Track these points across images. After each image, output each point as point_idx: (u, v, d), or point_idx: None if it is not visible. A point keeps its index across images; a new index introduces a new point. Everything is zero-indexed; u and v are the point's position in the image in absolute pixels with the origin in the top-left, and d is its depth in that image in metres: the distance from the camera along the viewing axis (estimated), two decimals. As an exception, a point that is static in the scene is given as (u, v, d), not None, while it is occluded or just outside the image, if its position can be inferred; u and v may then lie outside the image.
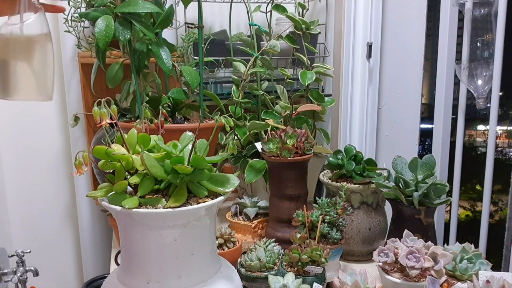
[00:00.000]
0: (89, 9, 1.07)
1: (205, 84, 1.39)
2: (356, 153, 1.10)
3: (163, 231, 0.64)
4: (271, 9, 1.28)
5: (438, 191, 0.96)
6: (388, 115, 1.42)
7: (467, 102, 1.17)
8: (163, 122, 0.84)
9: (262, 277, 0.86)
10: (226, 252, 0.96)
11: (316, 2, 1.49)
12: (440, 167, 1.22)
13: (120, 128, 0.67)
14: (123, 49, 1.12)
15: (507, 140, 1.55)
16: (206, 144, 0.72)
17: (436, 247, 0.84)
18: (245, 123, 1.23)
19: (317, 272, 0.82)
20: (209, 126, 1.08)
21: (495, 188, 1.19)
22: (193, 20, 1.17)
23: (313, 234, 0.90)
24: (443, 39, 1.17)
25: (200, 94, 1.14)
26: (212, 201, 0.66)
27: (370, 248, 1.04)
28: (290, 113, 1.20)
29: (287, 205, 1.00)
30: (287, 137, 0.99)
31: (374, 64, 1.40)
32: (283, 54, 1.32)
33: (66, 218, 1.61)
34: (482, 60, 1.09)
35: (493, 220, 1.32)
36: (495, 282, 0.72)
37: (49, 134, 1.53)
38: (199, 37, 1.10)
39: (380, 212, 1.07)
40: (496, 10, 1.04)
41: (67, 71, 1.40)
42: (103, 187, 0.68)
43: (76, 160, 0.67)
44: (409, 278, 0.82)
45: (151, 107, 1.03)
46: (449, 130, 1.23)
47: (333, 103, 1.33)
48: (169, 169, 0.65)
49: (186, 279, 0.66)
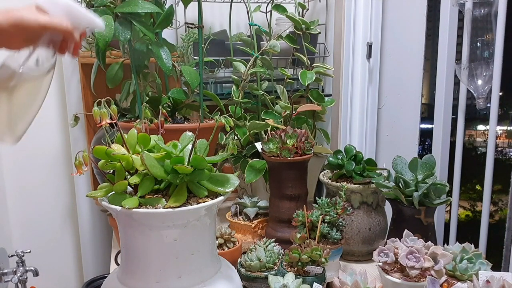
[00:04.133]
0: (89, 9, 1.07)
1: (205, 84, 1.39)
2: (356, 153, 1.10)
3: (163, 231, 0.64)
4: (271, 9, 1.28)
5: (438, 191, 0.96)
6: (388, 115, 1.42)
7: (467, 102, 1.17)
8: (163, 122, 0.84)
9: (262, 277, 0.86)
10: (226, 252, 0.96)
11: (316, 2, 1.49)
12: (440, 167, 1.22)
13: (120, 128, 0.67)
14: (123, 49, 1.12)
15: (507, 140, 1.55)
16: (206, 144, 0.72)
17: (436, 247, 0.84)
18: (245, 123, 1.23)
19: (317, 272, 0.82)
20: (209, 126, 1.08)
21: (495, 188, 1.19)
22: (193, 20, 1.17)
23: (313, 234, 0.90)
24: (443, 39, 1.17)
25: (200, 94, 1.14)
26: (212, 201, 0.66)
27: (370, 248, 1.04)
28: (290, 113, 1.20)
29: (287, 205, 1.00)
30: (287, 137, 0.99)
31: (374, 64, 1.40)
32: (283, 54, 1.32)
33: (66, 218, 1.61)
34: (482, 60, 1.09)
35: (493, 220, 1.32)
36: (495, 282, 0.72)
37: (49, 134, 1.53)
38: (199, 37, 1.10)
39: (380, 212, 1.07)
40: (496, 10, 1.04)
41: (67, 71, 1.40)
42: (103, 187, 0.68)
43: (76, 160, 0.68)
44: (409, 278, 0.82)
45: (151, 107, 1.03)
46: (449, 130, 1.23)
47: (333, 103, 1.33)
48: (169, 169, 0.65)
49: (186, 279, 0.66)
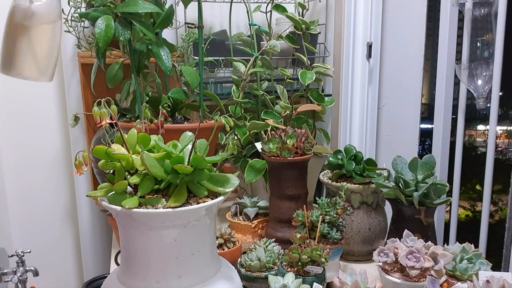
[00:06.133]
0: (89, 9, 1.07)
1: (205, 84, 1.39)
2: (356, 153, 1.10)
3: (163, 231, 0.64)
4: (271, 9, 1.28)
5: (438, 191, 0.96)
6: (388, 115, 1.42)
7: (467, 102, 1.17)
8: (163, 122, 0.84)
9: (262, 277, 0.86)
10: (226, 252, 0.96)
11: (316, 2, 1.49)
12: (440, 167, 1.22)
13: (120, 128, 0.67)
14: (123, 49, 1.12)
15: (507, 140, 1.55)
16: (206, 144, 0.72)
17: (436, 247, 0.84)
18: (245, 123, 1.23)
19: (317, 272, 0.82)
20: (209, 126, 1.08)
21: (495, 188, 1.19)
22: (193, 20, 1.17)
23: (313, 234, 0.90)
24: (443, 39, 1.17)
25: (200, 94, 1.14)
26: (212, 201, 0.66)
27: (370, 248, 1.04)
28: (290, 113, 1.20)
29: (287, 205, 1.00)
30: (287, 137, 0.99)
31: (374, 64, 1.40)
32: (283, 54, 1.32)
33: (66, 218, 1.61)
34: (482, 60, 1.09)
35: (493, 220, 1.32)
36: (495, 282, 0.72)
37: (49, 134, 1.53)
38: (199, 37, 1.10)
39: (380, 212, 1.07)
40: (496, 10, 1.04)
41: (67, 71, 1.40)
42: (103, 187, 0.68)
43: (76, 160, 0.67)
44: (409, 278, 0.82)
45: (151, 107, 1.03)
46: (449, 130, 1.23)
47: (333, 103, 1.33)
48: (169, 169, 0.65)
49: (186, 279, 0.66)
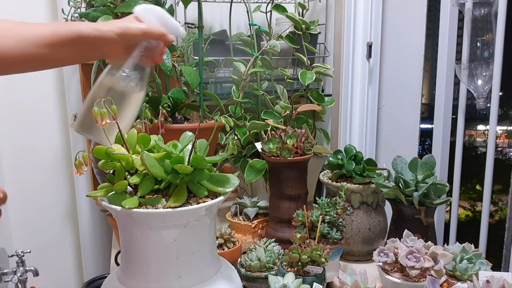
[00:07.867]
0: (89, 9, 1.07)
1: (205, 84, 1.39)
2: (356, 153, 1.10)
3: (163, 231, 0.64)
4: (271, 9, 1.28)
5: (438, 191, 0.96)
6: (388, 115, 1.42)
7: (467, 102, 1.17)
8: (163, 122, 0.84)
9: (262, 277, 0.86)
10: (226, 252, 0.96)
11: (316, 2, 1.49)
12: (440, 167, 1.22)
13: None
14: (123, 49, 1.12)
15: (507, 140, 1.55)
16: (206, 144, 0.72)
17: (436, 247, 0.84)
18: (245, 123, 1.23)
19: (317, 272, 0.82)
20: (209, 126, 1.09)
21: (495, 188, 1.19)
22: (193, 20, 1.17)
23: (313, 234, 0.90)
24: (443, 39, 1.17)
25: (200, 94, 1.14)
26: (212, 201, 0.66)
27: (370, 248, 1.04)
28: (290, 113, 1.20)
29: (287, 205, 1.00)
30: (287, 137, 0.99)
31: (374, 64, 1.40)
32: (283, 54, 1.32)
33: (66, 218, 1.61)
34: (482, 60, 1.09)
35: (493, 220, 1.32)
36: (495, 282, 0.72)
37: (49, 134, 1.53)
38: (199, 37, 1.10)
39: (380, 212, 1.07)
40: (496, 10, 1.04)
41: (67, 71, 1.40)
42: (103, 187, 0.68)
43: (76, 160, 0.67)
44: (409, 278, 0.82)
45: (151, 107, 1.03)
46: (449, 130, 1.23)
47: (333, 103, 1.33)
48: (169, 169, 0.65)
49: (186, 279, 0.66)
